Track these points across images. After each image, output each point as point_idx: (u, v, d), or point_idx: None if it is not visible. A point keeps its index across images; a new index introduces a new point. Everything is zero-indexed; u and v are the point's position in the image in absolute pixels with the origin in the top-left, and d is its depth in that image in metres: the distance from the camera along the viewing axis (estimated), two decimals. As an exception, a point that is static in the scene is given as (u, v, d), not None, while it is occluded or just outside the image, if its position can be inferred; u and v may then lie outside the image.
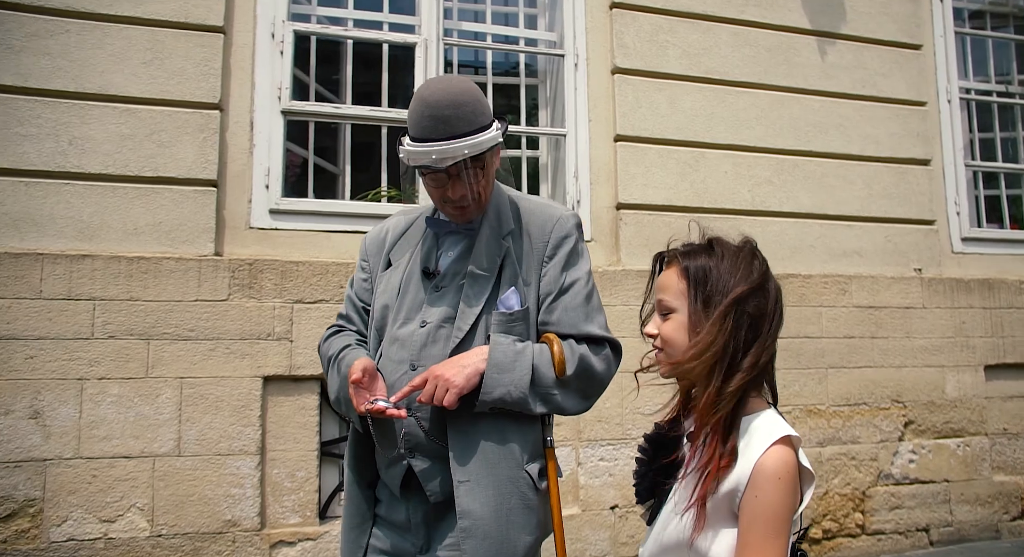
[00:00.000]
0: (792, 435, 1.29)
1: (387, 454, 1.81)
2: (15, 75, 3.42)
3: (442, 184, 1.77)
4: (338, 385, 1.83)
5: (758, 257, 1.42)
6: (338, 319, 2.04)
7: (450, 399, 1.67)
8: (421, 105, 1.72)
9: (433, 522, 1.79)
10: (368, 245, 2.01)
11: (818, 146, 4.58)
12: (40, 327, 3.30)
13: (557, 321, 1.83)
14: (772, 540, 1.24)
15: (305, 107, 3.83)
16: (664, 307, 1.43)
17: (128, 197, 3.50)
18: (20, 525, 3.21)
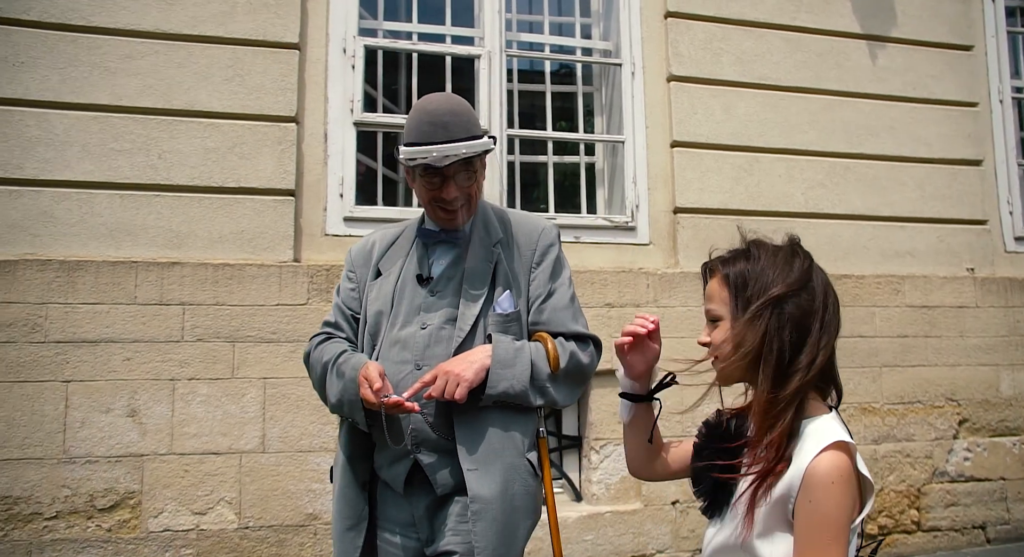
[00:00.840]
0: (846, 440, 1.27)
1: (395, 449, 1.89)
2: (111, 95, 3.63)
3: (436, 186, 1.90)
4: (340, 387, 1.91)
5: (799, 255, 1.41)
6: (324, 327, 2.12)
7: (461, 392, 1.78)
8: (420, 113, 1.88)
9: (435, 513, 1.90)
10: (354, 257, 2.12)
11: (870, 149, 4.65)
12: (135, 330, 3.51)
13: (547, 321, 1.99)
14: (827, 546, 1.21)
15: (376, 118, 4.01)
16: (712, 315, 1.46)
17: (213, 207, 3.70)
18: (122, 516, 3.42)
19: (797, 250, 1.42)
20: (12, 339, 3.38)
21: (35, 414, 3.38)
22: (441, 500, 1.89)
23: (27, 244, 3.50)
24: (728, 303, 1.41)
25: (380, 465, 1.96)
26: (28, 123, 3.54)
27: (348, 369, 1.90)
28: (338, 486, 1.97)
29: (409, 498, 1.92)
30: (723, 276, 1.43)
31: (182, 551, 3.46)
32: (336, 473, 2.00)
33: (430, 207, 1.98)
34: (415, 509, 1.91)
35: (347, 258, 2.17)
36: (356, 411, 1.88)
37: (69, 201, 3.56)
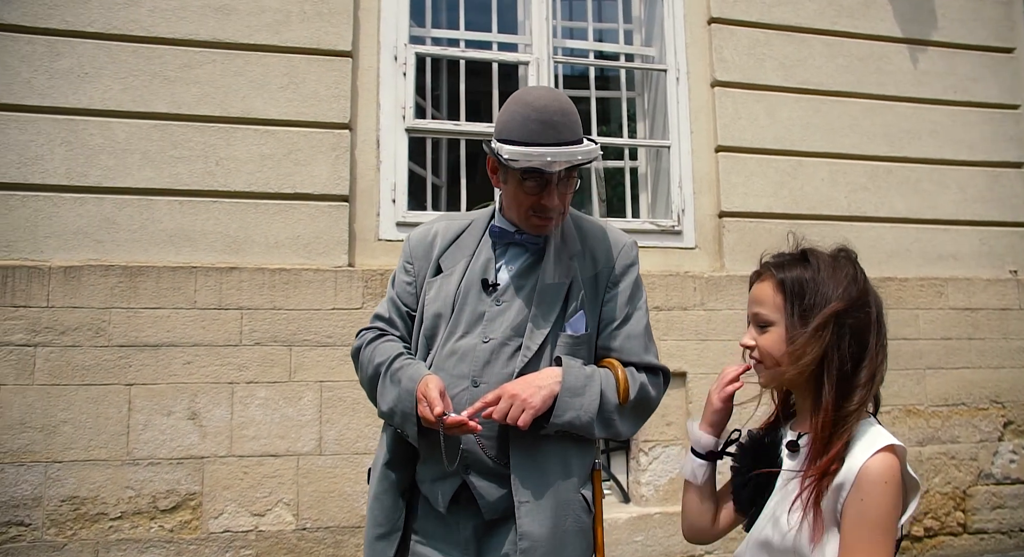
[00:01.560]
0: (897, 444, 1.30)
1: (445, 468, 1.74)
2: (170, 103, 3.68)
3: (538, 191, 1.73)
4: (395, 397, 1.76)
5: (857, 268, 1.42)
6: (376, 321, 1.94)
7: (525, 419, 1.64)
8: (527, 109, 1.70)
9: (484, 537, 1.77)
10: (413, 247, 1.94)
11: (911, 152, 4.65)
12: (195, 335, 3.56)
13: (619, 348, 1.84)
14: (878, 543, 1.24)
15: (427, 125, 4.05)
16: (761, 320, 1.44)
17: (269, 213, 3.75)
18: (183, 517, 3.47)
19: (855, 263, 1.43)
20: (77, 343, 3.44)
21: (99, 417, 3.43)
22: (490, 523, 1.77)
23: (90, 250, 3.55)
24: (782, 310, 1.40)
25: (422, 479, 1.83)
26: (92, 132, 3.60)
27: (405, 379, 1.75)
28: (374, 490, 1.84)
29: (453, 517, 1.78)
30: (778, 282, 1.42)
31: (242, 552, 3.50)
32: (373, 476, 1.88)
33: (523, 212, 1.79)
34: (461, 529, 1.78)
35: (405, 246, 1.98)
36: (408, 424, 1.74)
37: (131, 207, 3.61)
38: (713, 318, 4.18)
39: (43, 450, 3.36)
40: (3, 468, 3.31)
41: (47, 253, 3.51)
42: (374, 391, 1.86)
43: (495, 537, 1.76)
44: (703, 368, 4.15)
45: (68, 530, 3.35)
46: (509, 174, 1.76)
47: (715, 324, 4.19)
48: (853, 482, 1.27)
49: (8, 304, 3.39)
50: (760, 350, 1.44)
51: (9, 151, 3.51)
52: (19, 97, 3.54)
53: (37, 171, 3.54)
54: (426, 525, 1.82)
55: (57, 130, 3.57)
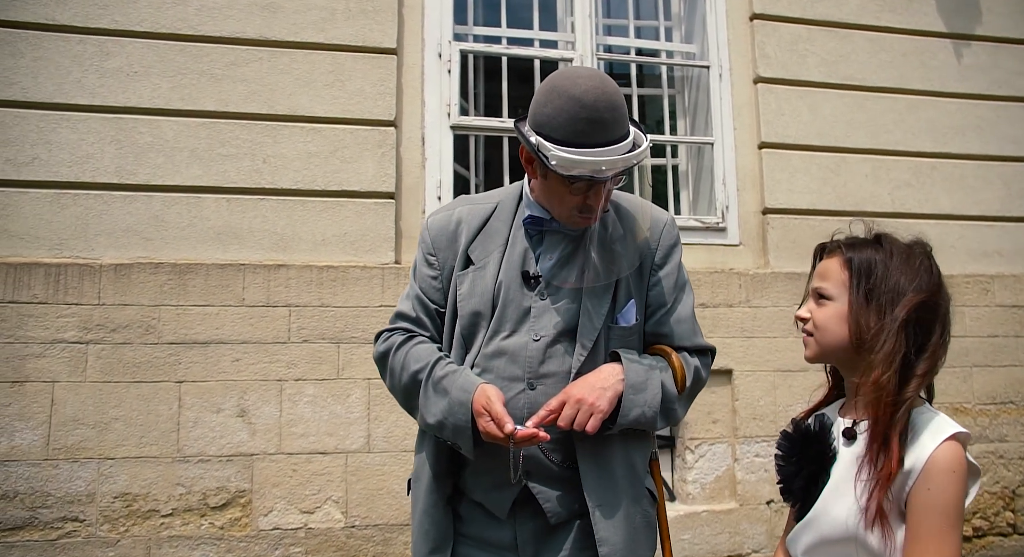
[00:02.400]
0: (961, 432, 1.28)
1: (505, 479, 1.62)
2: (217, 101, 3.66)
3: (581, 191, 1.59)
4: (444, 409, 1.61)
5: (932, 260, 1.40)
6: (400, 320, 1.77)
7: (594, 424, 1.56)
8: (575, 106, 1.51)
9: (544, 539, 1.69)
10: (434, 237, 1.76)
11: (956, 148, 4.57)
12: (244, 332, 3.53)
13: (670, 334, 1.75)
14: (948, 533, 1.22)
15: (472, 122, 4.01)
16: (822, 293, 1.41)
17: (316, 210, 3.72)
18: (233, 514, 3.44)
19: (928, 254, 1.40)
20: (128, 340, 3.42)
21: (150, 414, 3.41)
22: (549, 528, 1.68)
23: (140, 248, 3.54)
24: (846, 286, 1.37)
25: (474, 488, 1.71)
26: (141, 130, 3.59)
27: (454, 389, 1.61)
28: (423, 505, 1.70)
29: (509, 522, 1.69)
30: (846, 259, 1.39)
31: (291, 549, 3.47)
32: (419, 491, 1.73)
33: (566, 210, 1.65)
34: (519, 532, 1.68)
35: (423, 236, 1.78)
36: (463, 439, 1.60)
37: (179, 205, 3.59)
38: (758, 315, 4.12)
39: (96, 447, 3.34)
40: (58, 464, 3.29)
41: (98, 251, 3.50)
42: (412, 400, 1.71)
43: (556, 540, 1.69)
44: (748, 365, 4.08)
45: (121, 526, 3.32)
46: (550, 172, 1.58)
47: (760, 321, 4.12)
48: (920, 472, 1.25)
49: (61, 301, 3.37)
50: (815, 322, 1.41)
51: (61, 150, 3.50)
52: (70, 97, 3.53)
53: (88, 170, 3.52)
54: (475, 530, 1.72)
55: (107, 129, 3.56)
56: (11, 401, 3.28)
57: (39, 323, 3.35)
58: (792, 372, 4.13)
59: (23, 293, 3.35)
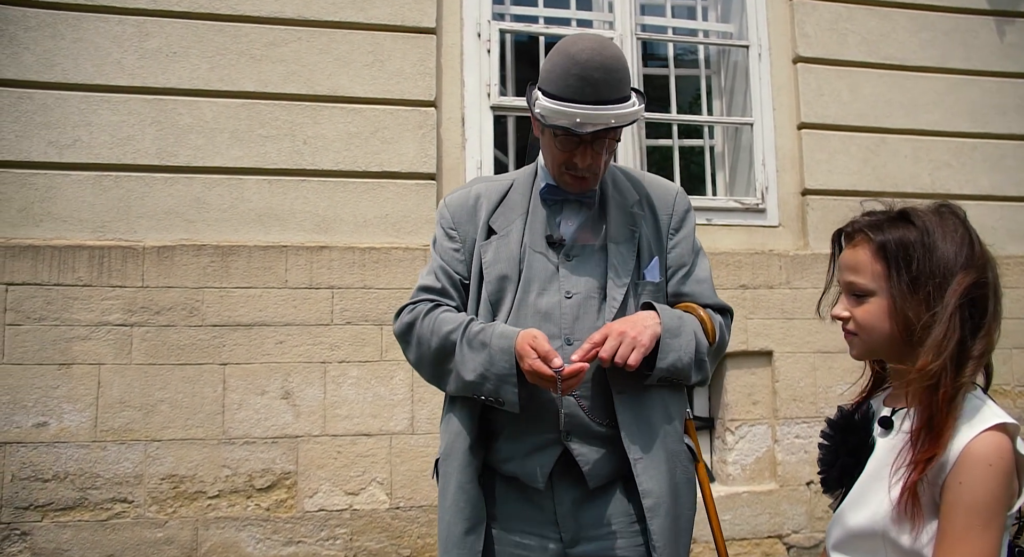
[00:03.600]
0: (1010, 422, 1.14)
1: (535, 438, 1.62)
2: (257, 82, 3.57)
3: (571, 149, 1.61)
4: (484, 360, 1.56)
5: (968, 226, 1.25)
6: (423, 293, 1.73)
7: (636, 357, 1.51)
8: (569, 62, 1.54)
9: (583, 508, 1.63)
10: (454, 212, 1.76)
11: (996, 128, 4.44)
12: (287, 314, 3.46)
13: (691, 293, 1.75)
14: (978, 531, 1.09)
15: (512, 102, 3.90)
16: (858, 289, 1.27)
17: (357, 191, 3.64)
18: (279, 496, 3.39)
19: (961, 218, 1.25)
20: (172, 323, 3.36)
21: (195, 396, 3.35)
22: (591, 493, 1.63)
23: (182, 230, 3.46)
24: (883, 278, 1.23)
25: (509, 457, 1.64)
26: (180, 111, 3.50)
27: (495, 338, 1.56)
28: (456, 482, 1.62)
29: (547, 494, 1.63)
30: (877, 246, 1.23)
31: (336, 530, 3.42)
32: (451, 467, 1.64)
33: (556, 167, 1.67)
34: (557, 505, 1.62)
35: (442, 212, 1.78)
36: (506, 387, 1.54)
37: (220, 187, 3.51)
38: (799, 297, 4.03)
39: (143, 429, 3.29)
40: (106, 446, 3.24)
41: (140, 233, 3.43)
42: (443, 364, 1.65)
43: (596, 507, 1.63)
44: (789, 347, 4.00)
45: (169, 508, 3.28)
46: (545, 127, 1.63)
47: (800, 303, 4.03)
48: (954, 463, 1.12)
49: (105, 284, 3.31)
50: (857, 323, 1.27)
51: (102, 132, 3.42)
52: (110, 78, 3.45)
53: (129, 151, 3.44)
54: (509, 509, 1.65)
55: (147, 110, 3.47)
56: (59, 383, 3.23)
57: (84, 306, 3.29)
58: (832, 354, 4.04)
59: (68, 276, 3.28)
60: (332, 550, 3.41)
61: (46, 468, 3.20)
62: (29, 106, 3.37)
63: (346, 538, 3.43)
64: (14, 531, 3.15)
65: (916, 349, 1.20)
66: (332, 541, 3.41)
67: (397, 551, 3.47)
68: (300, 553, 3.38)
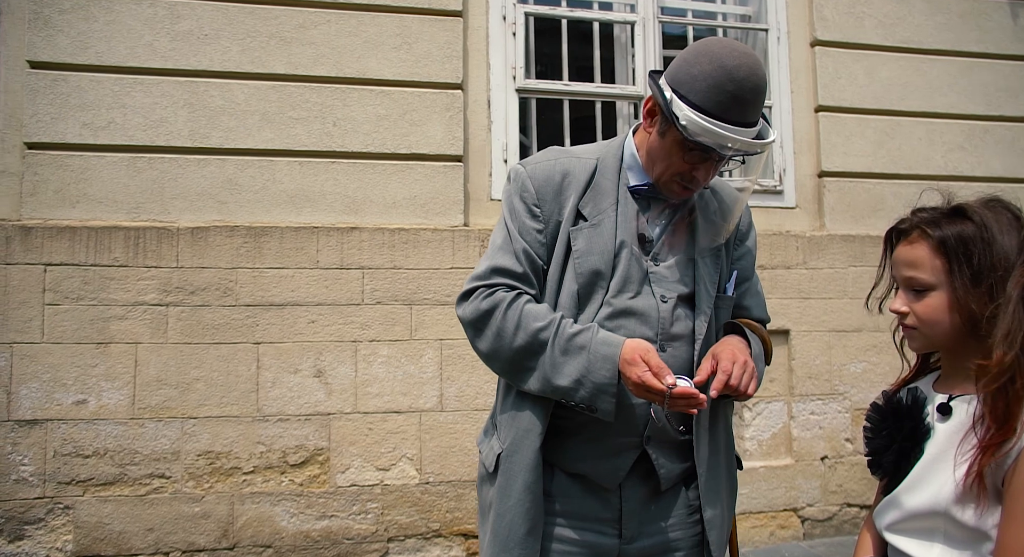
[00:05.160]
0: None
1: (615, 441, 1.54)
2: (287, 64, 3.51)
3: (697, 163, 1.49)
4: (583, 366, 1.45)
5: (1022, 220, 1.23)
6: (501, 276, 1.54)
7: (754, 386, 1.46)
8: (724, 76, 1.40)
9: (649, 507, 1.59)
10: (539, 187, 1.57)
11: (1009, 111, 4.40)
12: (318, 294, 3.43)
13: (749, 305, 1.70)
14: None
15: (537, 85, 3.85)
16: (918, 283, 1.26)
17: (387, 173, 3.59)
18: (312, 471, 3.38)
19: (1011, 209, 1.24)
20: (207, 302, 3.32)
21: (230, 375, 3.33)
22: (655, 494, 1.58)
23: (214, 211, 3.42)
24: (944, 272, 1.23)
25: (582, 457, 1.56)
26: (212, 93, 3.44)
27: (596, 344, 1.45)
28: (523, 481, 1.51)
29: (613, 493, 1.56)
30: (936, 242, 1.23)
31: (368, 505, 3.42)
32: (518, 465, 1.52)
33: (669, 174, 1.53)
34: (625, 501, 1.56)
35: (525, 185, 1.58)
36: (604, 397, 1.45)
37: (252, 169, 3.47)
38: (815, 277, 4.01)
39: (179, 406, 3.27)
40: (143, 423, 3.22)
41: (174, 214, 3.38)
42: (527, 361, 1.51)
43: (661, 505, 1.59)
44: (805, 326, 3.98)
45: (205, 483, 3.27)
46: (670, 132, 1.48)
47: (817, 282, 4.01)
48: (1022, 450, 1.11)
49: (140, 264, 3.27)
50: (918, 317, 1.27)
51: (135, 114, 3.36)
52: (143, 60, 3.38)
53: (162, 133, 3.39)
54: (571, 505, 1.56)
55: (180, 92, 3.41)
56: (97, 362, 3.20)
57: (120, 286, 3.25)
58: (847, 332, 4.03)
59: (104, 256, 3.24)
60: (364, 524, 3.41)
61: (86, 444, 3.18)
62: (64, 88, 3.31)
63: (377, 512, 3.42)
64: (57, 505, 3.14)
65: (981, 341, 1.20)
66: (364, 515, 3.41)
67: (427, 525, 3.47)
68: (333, 527, 3.38)
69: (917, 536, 1.24)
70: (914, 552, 1.24)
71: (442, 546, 3.47)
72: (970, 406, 1.21)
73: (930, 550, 1.22)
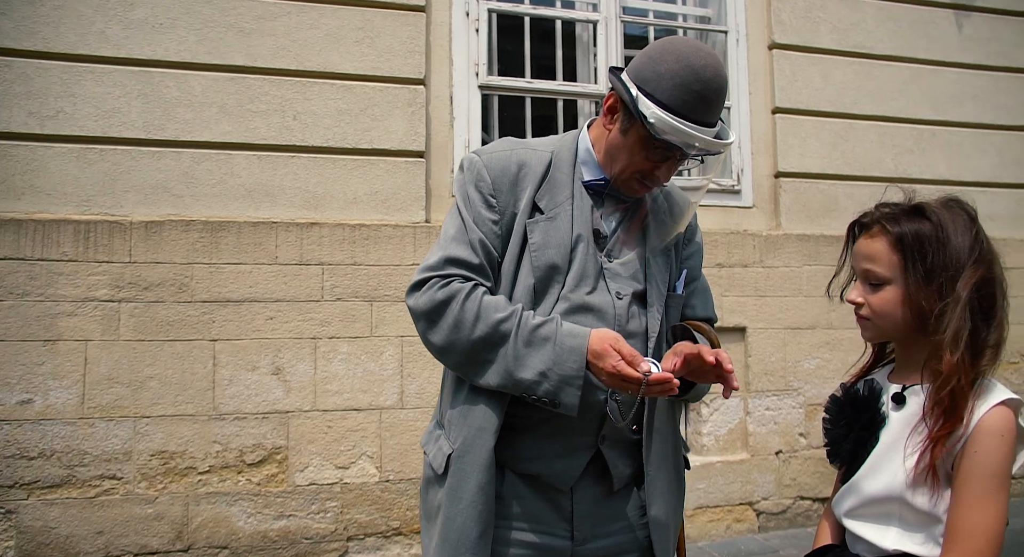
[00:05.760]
0: (1013, 398, 1.22)
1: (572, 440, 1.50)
2: (246, 56, 3.41)
3: (659, 161, 1.47)
4: (549, 358, 1.40)
5: (978, 223, 1.30)
6: (456, 266, 1.47)
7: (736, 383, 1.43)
8: (690, 76, 1.39)
9: (601, 507, 1.55)
10: (495, 177, 1.50)
11: (954, 116, 4.51)
12: (277, 290, 3.34)
13: (695, 305, 1.68)
14: (993, 495, 1.18)
15: (500, 82, 3.80)
16: (874, 277, 1.31)
17: (347, 168, 3.51)
18: (270, 470, 3.29)
19: (971, 216, 1.30)
20: (161, 298, 3.21)
21: (185, 372, 3.22)
22: (607, 494, 1.54)
23: (170, 205, 3.30)
24: (899, 268, 1.27)
25: (535, 456, 1.50)
26: (168, 84, 3.32)
27: (562, 336, 1.40)
28: (476, 483, 1.44)
29: (565, 494, 1.52)
30: (895, 238, 1.27)
31: (327, 504, 3.34)
32: (470, 466, 1.45)
33: (629, 172, 1.51)
34: (576, 502, 1.51)
35: (478, 171, 1.51)
36: (569, 391, 1.39)
37: (209, 162, 3.36)
38: (771, 275, 4.05)
39: (131, 405, 3.15)
40: (93, 423, 3.10)
41: (127, 208, 3.26)
42: (487, 353, 1.43)
43: (613, 506, 1.55)
44: (761, 323, 4.02)
45: (159, 484, 3.16)
46: (634, 129, 1.45)
47: (773, 281, 4.06)
48: (970, 435, 1.20)
49: (91, 259, 3.14)
50: (872, 308, 1.32)
51: (86, 104, 3.23)
52: (94, 48, 3.24)
53: (115, 124, 3.26)
54: (520, 507, 1.50)
55: (133, 82, 3.29)
56: (44, 360, 3.06)
57: (70, 281, 3.11)
58: (801, 330, 4.08)
59: (52, 251, 3.10)
60: (323, 523, 3.33)
61: (31, 446, 3.04)
62: (7, 75, 3.15)
63: (336, 511, 3.35)
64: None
65: (928, 336, 1.25)
66: (323, 514, 3.34)
67: (387, 523, 3.41)
68: (291, 526, 3.30)
69: (874, 521, 1.29)
70: (871, 536, 1.29)
71: (402, 544, 3.41)
72: (921, 396, 1.27)
73: (886, 534, 1.27)
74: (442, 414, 1.58)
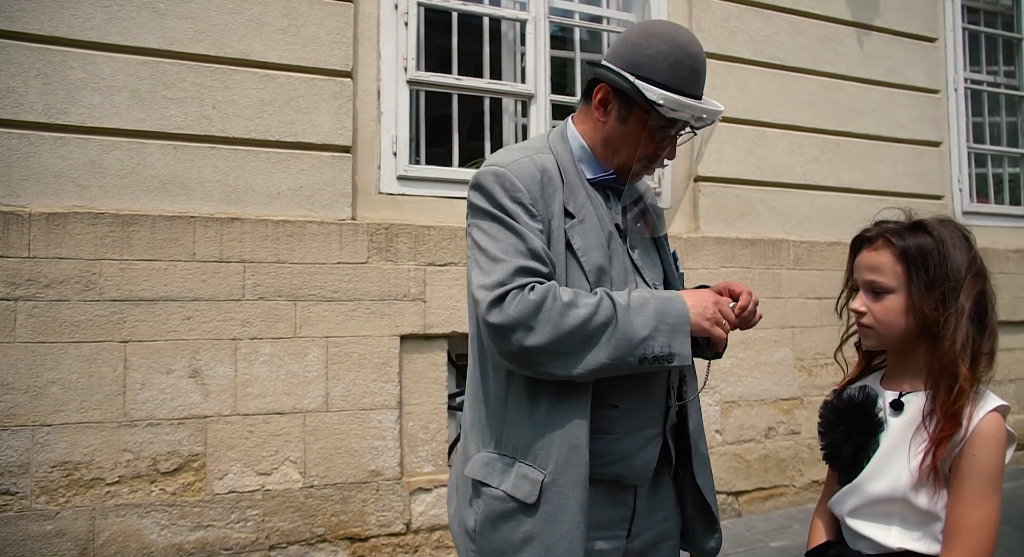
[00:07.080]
0: (1003, 404, 1.31)
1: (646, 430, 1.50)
2: (161, 38, 3.17)
3: (663, 142, 1.50)
4: (653, 313, 1.39)
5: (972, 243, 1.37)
6: (531, 275, 1.39)
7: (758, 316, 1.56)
8: (681, 53, 1.43)
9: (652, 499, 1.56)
10: (528, 185, 1.45)
11: (855, 128, 4.75)
12: (195, 289, 3.13)
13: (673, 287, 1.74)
14: (989, 495, 1.26)
15: (429, 77, 3.70)
16: (878, 286, 1.37)
17: (271, 162, 3.33)
18: (186, 479, 3.08)
19: (965, 235, 1.37)
20: (65, 297, 2.94)
21: (92, 376, 2.97)
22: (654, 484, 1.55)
23: (75, 196, 3.03)
24: (903, 277, 1.34)
25: (617, 458, 1.47)
26: (72, 65, 3.04)
27: (658, 294, 1.42)
28: (577, 502, 1.39)
29: (627, 490, 1.51)
30: (900, 250, 1.35)
31: (248, 512, 3.17)
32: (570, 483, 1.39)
33: (637, 161, 1.50)
34: (638, 500, 1.52)
35: (511, 183, 1.44)
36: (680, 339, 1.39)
37: (119, 151, 3.10)
38: (691, 277, 4.11)
39: (29, 413, 2.87)
40: (-13, 433, 2.81)
41: (24, 198, 2.96)
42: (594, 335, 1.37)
43: (659, 495, 1.57)
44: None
45: (61, 497, 2.90)
46: (633, 116, 1.46)
47: (692, 282, 4.03)
48: (967, 439, 1.28)
49: (-16, 253, 2.84)
50: (875, 317, 1.39)
51: (-23, 81, 2.91)
52: (-14, 20, 2.94)
53: (10, 105, 2.96)
54: (593, 516, 1.46)
55: (32, 60, 2.99)
56: (-72, 364, 2.75)
57: (-42, 277, 2.81)
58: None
59: (-62, 243, 2.79)
60: (243, 532, 3.15)
61: (-87, 459, 2.73)
62: None
63: (258, 519, 3.18)
64: None
65: (928, 341, 1.35)
66: (243, 523, 3.16)
67: (311, 530, 3.26)
68: (209, 537, 3.10)
69: (876, 520, 1.37)
70: (874, 535, 1.36)
71: (327, 551, 3.28)
72: (920, 401, 1.35)
73: (888, 532, 1.35)
74: (504, 442, 1.47)
